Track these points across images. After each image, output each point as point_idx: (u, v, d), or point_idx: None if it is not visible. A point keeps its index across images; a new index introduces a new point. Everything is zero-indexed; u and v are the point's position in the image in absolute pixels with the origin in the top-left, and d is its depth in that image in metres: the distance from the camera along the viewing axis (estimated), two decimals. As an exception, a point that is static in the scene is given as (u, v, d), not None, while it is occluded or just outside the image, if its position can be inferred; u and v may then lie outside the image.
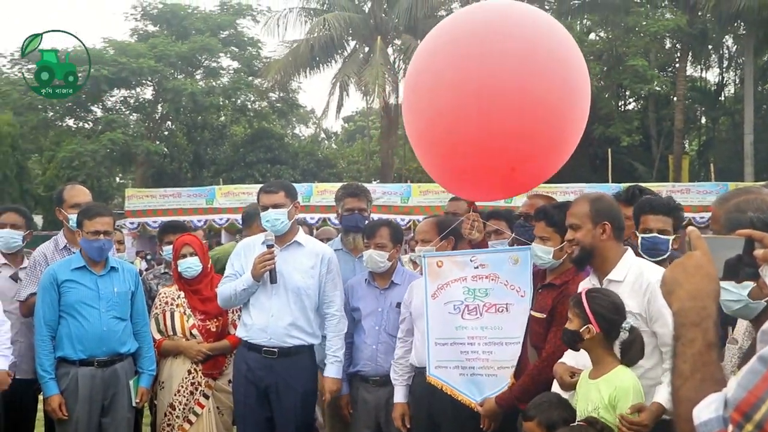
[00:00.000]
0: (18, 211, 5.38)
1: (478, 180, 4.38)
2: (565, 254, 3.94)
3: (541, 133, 4.17)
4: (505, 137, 4.08)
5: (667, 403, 3.21)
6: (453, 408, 4.34)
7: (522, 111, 4.07)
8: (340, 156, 41.29)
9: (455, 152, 4.28)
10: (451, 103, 4.16)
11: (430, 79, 4.35)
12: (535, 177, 4.56)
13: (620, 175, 24.15)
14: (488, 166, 4.22)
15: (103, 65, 29.55)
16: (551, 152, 4.41)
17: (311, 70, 31.29)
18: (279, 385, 4.73)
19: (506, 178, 4.36)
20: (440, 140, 4.36)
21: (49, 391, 4.71)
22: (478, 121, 4.08)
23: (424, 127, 4.51)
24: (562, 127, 4.29)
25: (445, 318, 4.41)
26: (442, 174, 4.73)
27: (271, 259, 4.66)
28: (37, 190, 26.26)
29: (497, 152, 4.15)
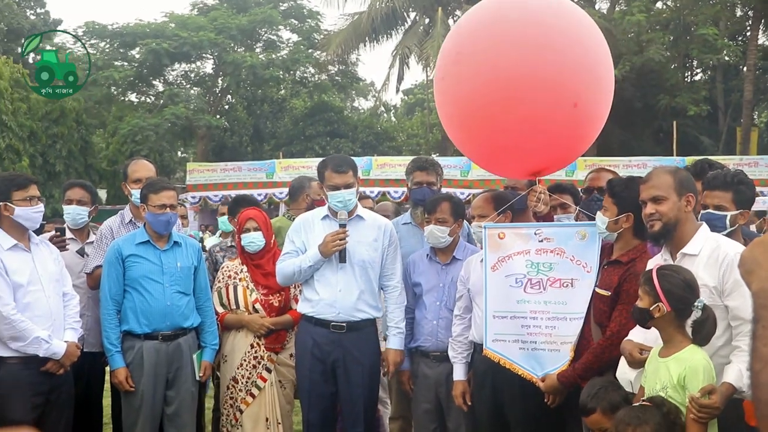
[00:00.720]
0: (84, 187, 5.43)
1: (537, 134, 4.26)
2: (621, 228, 3.89)
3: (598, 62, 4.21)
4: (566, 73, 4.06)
5: (737, 382, 3.15)
6: (520, 386, 4.30)
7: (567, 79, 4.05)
8: (400, 129, 41.19)
9: (505, 115, 4.18)
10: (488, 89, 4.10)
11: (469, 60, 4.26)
12: (597, 119, 4.45)
13: (685, 148, 23.62)
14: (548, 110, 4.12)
15: (163, 39, 29.89)
16: (607, 81, 4.37)
17: (371, 43, 31.17)
18: (347, 360, 4.75)
19: (568, 118, 4.24)
20: (487, 114, 4.25)
21: (115, 364, 4.79)
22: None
23: (460, 119, 4.44)
24: None
25: (505, 291, 4.35)
26: (493, 156, 4.64)
27: (344, 238, 4.66)
28: (101, 164, 26.77)
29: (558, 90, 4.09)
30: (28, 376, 4.38)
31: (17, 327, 4.28)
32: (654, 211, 3.53)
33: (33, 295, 4.42)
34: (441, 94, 4.59)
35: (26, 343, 4.31)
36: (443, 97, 4.57)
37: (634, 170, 17.20)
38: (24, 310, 4.35)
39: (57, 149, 23.34)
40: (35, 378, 4.40)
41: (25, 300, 4.38)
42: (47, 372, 4.44)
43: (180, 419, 4.88)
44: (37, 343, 4.33)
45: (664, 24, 28.36)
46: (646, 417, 3.11)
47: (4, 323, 4.27)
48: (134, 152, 26.90)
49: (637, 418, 3.12)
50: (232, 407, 5.08)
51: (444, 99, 4.57)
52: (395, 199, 19.41)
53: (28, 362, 4.37)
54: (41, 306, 4.44)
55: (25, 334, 4.30)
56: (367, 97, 48.77)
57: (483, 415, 4.54)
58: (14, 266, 4.38)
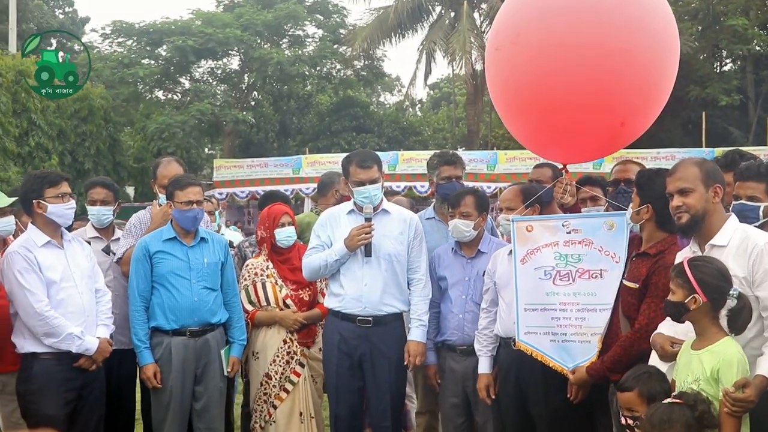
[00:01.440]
0: (105, 185, 5.43)
1: (581, 139, 4.26)
2: (642, 219, 3.87)
3: (649, 84, 4.16)
4: (614, 92, 4.05)
5: None
6: (542, 379, 4.28)
7: (626, 64, 4.04)
8: (426, 123, 41.06)
9: (553, 112, 4.20)
10: (555, 63, 4.08)
11: (529, 35, 4.25)
12: (638, 131, 4.49)
13: (714, 139, 23.31)
14: (596, 122, 4.14)
15: (189, 36, 30.02)
16: (656, 104, 4.37)
17: (397, 37, 31.09)
18: (373, 354, 4.76)
19: (614, 135, 4.28)
20: (534, 100, 4.27)
21: (144, 360, 4.82)
22: (587, 78, 4.03)
23: (514, 87, 4.41)
24: (660, 78, 4.28)
25: (534, 283, 4.35)
26: (532, 137, 4.63)
27: (370, 232, 4.66)
28: (129, 162, 26.93)
29: (608, 108, 4.09)
30: (60, 372, 4.43)
31: (51, 323, 4.33)
32: (681, 204, 3.48)
33: (66, 291, 4.47)
34: (493, 65, 4.62)
35: (59, 340, 4.36)
36: (494, 68, 4.60)
37: (662, 162, 17.02)
38: (57, 306, 4.40)
39: (86, 147, 23.49)
40: (68, 374, 4.45)
41: (58, 296, 4.43)
42: (80, 368, 4.48)
43: (209, 414, 4.90)
44: (70, 340, 4.38)
45: (693, 14, 27.99)
46: (673, 417, 3.07)
47: (38, 320, 4.32)
48: (161, 149, 27.04)
49: (665, 422, 3.08)
50: (266, 403, 5.10)
51: (495, 71, 4.60)
52: (421, 194, 19.38)
53: (61, 358, 4.42)
54: (74, 302, 4.49)
55: (59, 330, 4.35)
56: (393, 92, 48.70)
57: (508, 409, 4.54)
58: (47, 263, 4.43)
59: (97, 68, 29.93)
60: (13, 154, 20.00)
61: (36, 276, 4.37)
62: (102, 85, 27.52)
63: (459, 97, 35.37)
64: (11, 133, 19.77)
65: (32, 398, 4.41)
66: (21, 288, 4.35)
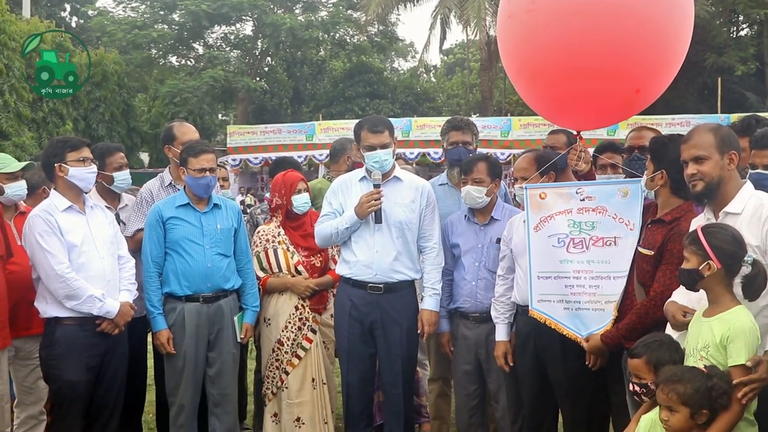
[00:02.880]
0: (122, 150, 5.42)
1: (595, 105, 4.21)
2: (657, 185, 3.84)
3: (664, 49, 4.09)
4: (630, 58, 3.99)
5: None
6: (561, 347, 4.27)
7: (641, 28, 3.97)
8: (440, 89, 40.88)
9: (567, 78, 4.14)
10: (570, 29, 4.02)
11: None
12: (652, 97, 4.40)
13: (730, 105, 23.07)
14: (611, 89, 4.08)
15: (202, 1, 29.88)
16: (671, 70, 4.27)
17: (411, 3, 30.84)
18: (384, 321, 4.75)
19: (629, 101, 4.22)
20: (548, 67, 4.21)
21: (157, 326, 4.84)
22: (603, 44, 3.98)
23: (528, 54, 4.36)
24: (675, 42, 4.20)
25: (548, 251, 4.31)
26: (545, 103, 4.58)
27: (379, 198, 4.64)
28: (143, 128, 26.99)
29: (624, 74, 4.03)
30: (83, 337, 4.46)
31: (71, 285, 4.35)
32: (696, 171, 3.43)
33: (86, 255, 4.49)
34: (506, 32, 4.57)
35: (80, 302, 4.38)
36: (507, 36, 4.56)
37: (677, 128, 16.87)
38: (78, 270, 4.42)
39: (100, 113, 23.56)
40: (91, 339, 4.48)
41: (79, 260, 4.45)
42: (102, 333, 4.50)
43: (222, 380, 4.92)
44: (90, 302, 4.40)
45: (709, -22, 27.60)
46: (685, 377, 3.07)
47: (59, 282, 4.35)
48: (174, 114, 27.05)
49: (676, 380, 3.07)
50: (278, 369, 5.11)
51: (508, 38, 4.55)
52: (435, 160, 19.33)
53: (84, 323, 4.45)
54: (95, 267, 4.51)
55: (79, 292, 4.37)
56: (407, 58, 48.41)
57: (526, 377, 4.53)
58: (68, 227, 4.45)
59: (111, 31, 29.89)
60: (28, 119, 20.07)
61: (57, 239, 4.39)
62: (115, 50, 27.49)
63: (473, 64, 35.14)
64: (25, 98, 19.82)
65: (54, 363, 4.44)
66: (42, 250, 4.37)
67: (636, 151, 4.76)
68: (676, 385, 3.06)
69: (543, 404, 4.49)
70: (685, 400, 3.04)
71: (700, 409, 3.03)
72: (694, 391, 3.03)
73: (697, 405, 3.03)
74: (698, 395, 3.02)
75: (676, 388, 3.06)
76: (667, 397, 3.08)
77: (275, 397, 5.12)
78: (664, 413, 3.13)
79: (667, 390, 3.08)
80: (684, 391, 3.04)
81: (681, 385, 3.05)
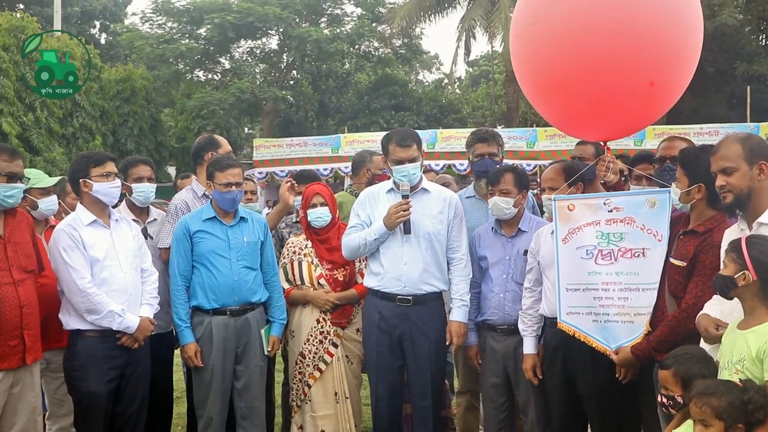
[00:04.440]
0: (148, 163, 5.42)
1: (612, 107, 4.16)
2: (693, 199, 3.78)
3: (679, 42, 4.06)
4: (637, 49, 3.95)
5: None
6: (591, 359, 4.24)
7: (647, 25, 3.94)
8: (465, 101, 40.83)
9: (579, 83, 4.10)
10: (573, 35, 4.02)
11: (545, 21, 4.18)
12: (673, 94, 4.32)
13: (760, 113, 22.80)
14: (624, 85, 4.03)
15: (229, 12, 30.08)
16: (684, 63, 4.21)
17: (436, 15, 30.86)
18: (413, 333, 4.75)
19: (646, 98, 4.14)
20: (558, 76, 4.19)
21: (185, 339, 4.87)
22: (609, 42, 3.96)
23: (538, 68, 4.35)
24: (684, 34, 4.17)
25: (576, 263, 4.28)
26: (564, 116, 4.55)
27: (408, 209, 4.63)
28: (170, 142, 27.18)
29: (633, 68, 3.99)
30: (104, 349, 4.50)
31: (92, 300, 4.39)
32: (725, 183, 3.39)
33: (109, 270, 4.52)
34: (516, 53, 4.57)
35: (100, 317, 4.42)
36: (518, 56, 4.54)
37: (706, 138, 16.71)
38: (100, 284, 4.46)
39: (128, 128, 23.77)
40: (111, 351, 4.51)
41: (101, 275, 4.49)
42: (123, 346, 4.53)
43: (249, 393, 4.94)
44: (110, 317, 4.43)
45: (737, -14, 27.35)
46: (719, 390, 3.02)
47: (81, 296, 4.39)
48: (201, 128, 27.23)
49: (710, 393, 3.02)
50: (301, 382, 5.12)
51: (519, 58, 4.53)
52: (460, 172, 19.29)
53: (105, 336, 4.48)
54: (117, 281, 4.54)
55: (100, 307, 4.40)
56: (432, 70, 48.43)
57: (555, 390, 4.50)
58: (92, 241, 4.49)
59: (138, 46, 30.20)
60: (58, 134, 20.30)
61: (80, 253, 4.44)
62: (143, 65, 27.76)
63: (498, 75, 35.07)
64: (56, 114, 20.06)
65: (76, 374, 4.49)
66: (65, 265, 4.42)
67: (668, 162, 4.72)
68: (710, 398, 3.01)
69: (572, 418, 4.45)
70: (719, 414, 2.98)
71: (735, 423, 2.97)
72: (729, 404, 2.97)
73: (731, 419, 2.97)
74: (733, 409, 2.97)
75: (710, 401, 3.01)
76: (701, 410, 3.03)
77: (300, 409, 5.13)
78: (698, 428, 3.07)
79: (701, 403, 3.03)
80: (718, 404, 2.99)
81: (715, 399, 3.00)
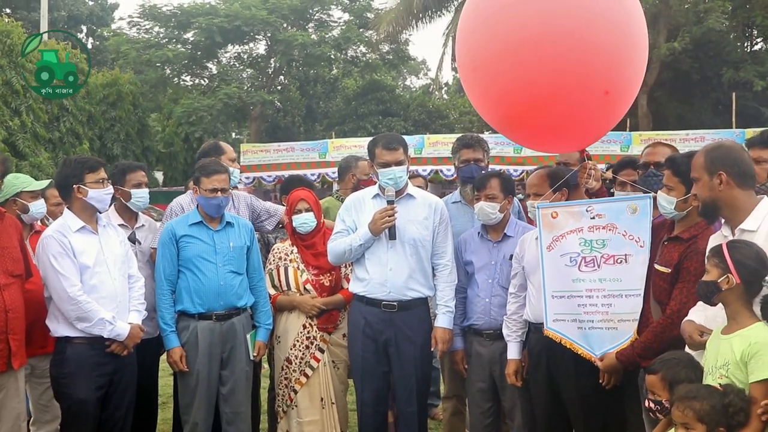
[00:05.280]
0: (144, 168, 5.42)
1: (570, 115, 4.13)
2: (690, 206, 3.78)
3: (633, 47, 4.06)
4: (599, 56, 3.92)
5: None
6: (574, 365, 4.26)
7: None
8: (452, 107, 40.87)
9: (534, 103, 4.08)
10: (512, 58, 3.98)
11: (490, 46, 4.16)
12: (624, 105, 4.30)
13: (746, 120, 22.92)
14: (578, 93, 3.99)
15: (216, 16, 30.03)
16: (635, 66, 4.19)
17: (423, 21, 30.89)
18: (399, 339, 4.75)
19: (600, 105, 4.12)
20: (514, 101, 4.16)
21: (170, 343, 4.85)
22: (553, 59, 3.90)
23: (494, 99, 4.35)
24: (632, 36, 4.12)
25: (561, 270, 4.31)
26: (532, 135, 4.54)
27: (393, 215, 4.64)
28: (157, 147, 27.13)
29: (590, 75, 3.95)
30: (93, 356, 4.48)
31: (83, 308, 4.38)
32: (695, 192, 3.47)
33: (99, 277, 4.51)
34: (469, 93, 4.63)
35: (91, 324, 4.41)
36: (472, 95, 4.59)
37: (692, 144, 16.74)
38: (90, 291, 4.44)
39: (115, 132, 23.71)
40: (100, 358, 4.50)
41: (91, 282, 4.47)
42: (112, 353, 4.52)
43: (235, 399, 4.93)
44: (101, 325, 4.42)
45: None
46: (700, 394, 3.05)
47: (71, 304, 4.37)
48: (189, 134, 27.18)
49: (691, 397, 3.06)
50: (287, 387, 5.12)
51: (473, 96, 4.57)
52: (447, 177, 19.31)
53: (94, 343, 4.47)
54: (107, 288, 4.53)
55: (91, 315, 4.39)
56: (419, 76, 48.47)
57: (539, 395, 4.52)
58: (81, 248, 4.48)
59: (124, 51, 30.11)
60: (44, 139, 20.22)
61: (70, 261, 4.42)
62: (130, 70, 27.70)
63: (486, 80, 35.08)
64: (41, 119, 19.99)
65: (64, 381, 4.46)
66: (55, 272, 4.40)
67: (651, 167, 4.75)
68: (691, 402, 3.04)
69: (557, 423, 4.47)
70: (701, 417, 3.01)
71: (717, 427, 3.00)
72: (710, 407, 3.00)
73: (713, 422, 3.00)
74: (714, 412, 3.00)
75: (691, 405, 3.04)
76: (683, 414, 3.06)
77: (286, 415, 5.13)
78: (680, 431, 3.11)
79: (683, 407, 3.06)
80: (700, 407, 3.02)
81: (697, 402, 3.03)
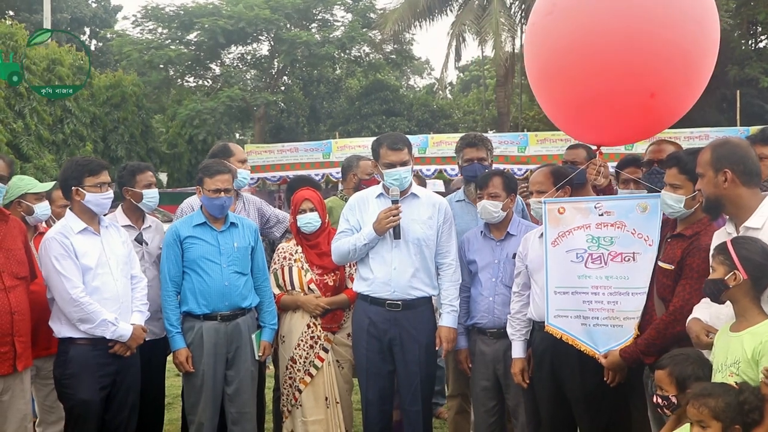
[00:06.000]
0: (152, 169, 5.41)
1: (611, 112, 4.19)
2: (698, 203, 3.76)
3: (682, 56, 4.06)
4: (646, 60, 3.98)
5: None
6: (578, 363, 4.25)
7: (660, 33, 3.98)
8: (456, 106, 40.86)
9: (584, 79, 4.15)
10: (582, 29, 4.08)
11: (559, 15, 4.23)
12: (672, 110, 4.34)
13: (750, 117, 22.86)
14: (625, 92, 4.07)
15: (219, 17, 30.04)
16: (689, 80, 4.24)
17: (427, 20, 30.87)
18: (403, 338, 4.75)
19: (643, 108, 4.16)
20: (564, 68, 4.24)
21: (176, 344, 4.87)
22: (616, 45, 4.01)
23: (546, 56, 4.41)
24: (693, 52, 4.18)
25: (566, 266, 4.31)
26: (566, 118, 4.57)
27: (397, 214, 4.64)
28: (161, 148, 27.17)
29: (636, 76, 4.01)
30: (96, 357, 4.48)
31: (86, 309, 4.38)
32: (699, 188, 3.47)
33: (101, 278, 4.51)
34: (530, 43, 4.63)
35: (94, 326, 4.41)
36: (532, 46, 4.59)
37: (696, 142, 16.71)
38: (93, 293, 4.44)
39: (119, 134, 23.75)
40: (103, 359, 4.50)
41: (94, 283, 4.47)
42: (115, 354, 4.52)
43: (240, 399, 4.93)
44: (104, 326, 4.42)
45: (728, -10, 27.43)
46: (715, 392, 3.04)
47: (73, 306, 4.37)
48: (193, 136, 27.21)
49: (706, 394, 3.05)
50: (291, 387, 5.13)
51: (533, 49, 4.58)
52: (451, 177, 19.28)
53: (97, 344, 4.47)
54: (109, 289, 4.53)
55: (93, 316, 4.39)
56: (423, 75, 48.49)
57: (543, 394, 4.52)
58: (83, 249, 4.48)
59: (127, 52, 30.15)
60: (48, 141, 20.26)
61: (72, 262, 4.42)
62: (134, 72, 27.74)
63: (489, 80, 35.13)
64: (45, 121, 20.03)
65: (68, 382, 4.47)
66: (57, 274, 4.40)
67: (655, 165, 4.74)
68: (707, 399, 3.03)
69: (561, 421, 4.47)
70: (717, 414, 3.00)
71: (732, 424, 2.99)
72: (726, 405, 2.99)
73: (729, 419, 2.99)
74: (730, 409, 2.99)
75: (707, 402, 3.03)
76: (698, 411, 3.05)
77: (291, 414, 5.13)
78: (695, 429, 3.09)
79: (698, 405, 3.05)
80: (715, 405, 3.01)
81: (712, 400, 3.02)
